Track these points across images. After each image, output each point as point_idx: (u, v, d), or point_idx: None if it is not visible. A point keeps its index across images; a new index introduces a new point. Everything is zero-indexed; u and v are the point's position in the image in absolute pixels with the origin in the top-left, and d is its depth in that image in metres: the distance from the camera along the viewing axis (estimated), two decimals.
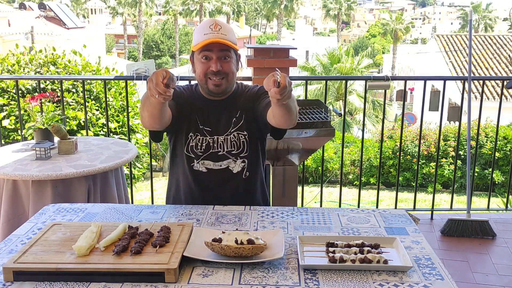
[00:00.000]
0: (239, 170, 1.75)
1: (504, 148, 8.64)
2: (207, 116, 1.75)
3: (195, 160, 1.74)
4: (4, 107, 5.00)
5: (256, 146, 1.80)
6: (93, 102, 5.51)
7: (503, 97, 3.62)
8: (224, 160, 1.73)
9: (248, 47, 3.40)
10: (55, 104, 4.15)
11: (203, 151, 1.73)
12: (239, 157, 1.74)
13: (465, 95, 3.36)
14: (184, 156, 1.75)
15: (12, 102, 4.99)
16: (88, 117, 5.21)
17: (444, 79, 3.51)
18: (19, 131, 3.85)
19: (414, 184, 6.22)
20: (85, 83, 5.18)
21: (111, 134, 5.37)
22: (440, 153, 8.62)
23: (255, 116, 1.75)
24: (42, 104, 2.92)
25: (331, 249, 1.29)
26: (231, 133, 1.74)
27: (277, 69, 1.34)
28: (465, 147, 8.34)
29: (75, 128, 5.12)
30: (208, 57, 1.65)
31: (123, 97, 5.63)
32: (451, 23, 51.94)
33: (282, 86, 1.28)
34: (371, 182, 9.13)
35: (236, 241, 1.25)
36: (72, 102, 5.29)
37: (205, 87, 1.71)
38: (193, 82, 1.90)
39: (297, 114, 1.57)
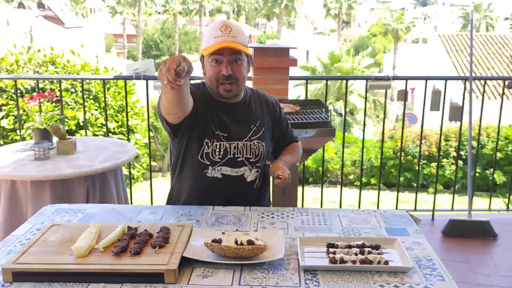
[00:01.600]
0: (252, 179, 1.72)
1: (506, 149, 8.64)
2: (222, 121, 1.69)
3: (209, 167, 1.68)
4: (2, 107, 5.00)
5: (267, 155, 1.80)
6: (92, 102, 5.50)
7: (504, 97, 3.61)
8: (241, 167, 1.70)
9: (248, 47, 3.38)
10: (54, 104, 4.14)
11: (221, 157, 1.67)
12: (255, 166, 1.72)
13: (467, 95, 3.35)
14: (197, 163, 1.69)
15: (11, 102, 4.98)
16: (87, 117, 5.20)
17: (445, 79, 3.50)
18: (18, 131, 3.85)
19: (415, 185, 6.22)
20: (84, 82, 5.17)
21: (110, 134, 5.37)
22: (441, 153, 8.61)
23: (274, 135, 1.83)
24: (41, 104, 2.91)
25: (331, 249, 1.28)
26: (252, 141, 1.72)
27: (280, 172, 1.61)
28: (466, 147, 8.33)
29: (74, 128, 5.11)
30: (219, 61, 1.61)
31: (122, 97, 5.63)
32: (452, 23, 51.91)
33: (283, 180, 1.59)
34: (372, 182, 9.13)
35: (236, 242, 1.25)
36: (71, 102, 5.29)
37: (215, 91, 1.67)
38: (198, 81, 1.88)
39: (300, 157, 1.92)
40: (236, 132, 1.70)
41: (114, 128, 5.49)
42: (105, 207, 1.66)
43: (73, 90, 5.39)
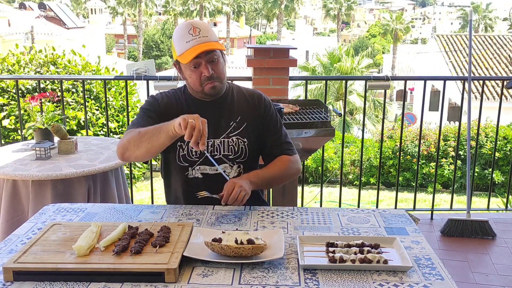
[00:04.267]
0: (235, 175, 1.71)
1: (504, 148, 8.64)
2: None
3: (189, 169, 1.69)
4: (4, 107, 5.01)
5: (256, 152, 1.76)
6: (93, 102, 5.51)
7: (503, 97, 3.62)
8: (220, 164, 1.67)
9: (248, 47, 3.40)
10: (55, 104, 4.16)
11: (198, 156, 1.68)
12: (235, 162, 1.71)
13: (465, 95, 3.36)
14: (178, 167, 1.71)
15: (12, 102, 5.00)
16: (88, 117, 5.21)
17: (444, 79, 3.51)
18: (19, 131, 3.86)
19: (414, 184, 6.22)
20: (85, 83, 5.18)
21: (111, 134, 5.38)
22: (440, 153, 8.62)
23: (259, 131, 1.73)
24: (42, 104, 2.92)
25: (331, 249, 1.29)
26: (230, 137, 1.70)
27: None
28: (465, 147, 8.34)
29: (75, 128, 5.12)
30: (197, 64, 1.62)
31: (123, 97, 5.64)
32: (451, 23, 51.97)
33: (225, 197, 1.53)
34: (371, 182, 9.13)
35: (236, 241, 1.25)
36: (72, 102, 5.30)
37: (201, 93, 1.68)
38: (179, 85, 1.87)
39: (288, 175, 1.76)
40: (213, 129, 1.67)
41: (115, 128, 5.50)
42: (106, 207, 1.67)
43: (74, 90, 5.40)
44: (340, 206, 3.61)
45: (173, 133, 1.45)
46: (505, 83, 3.32)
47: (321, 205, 3.76)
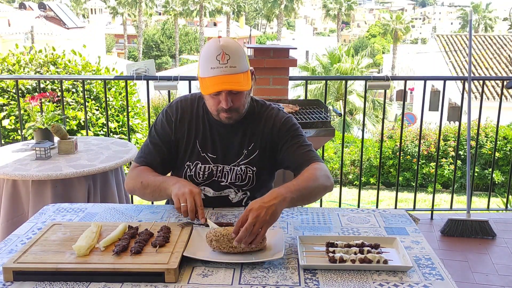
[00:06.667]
0: (238, 200, 1.65)
1: (504, 148, 8.64)
2: (212, 141, 1.61)
3: None
4: (4, 107, 5.01)
5: (264, 179, 1.67)
6: (93, 102, 5.51)
7: (503, 97, 3.62)
8: (225, 189, 1.63)
9: (248, 47, 3.40)
10: (55, 104, 4.16)
11: (205, 179, 1.62)
12: (241, 190, 1.64)
13: (465, 95, 3.36)
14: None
15: (12, 102, 4.99)
16: (88, 117, 5.21)
17: (444, 79, 3.51)
18: (19, 131, 3.86)
19: (414, 184, 6.22)
20: (85, 83, 5.18)
21: (111, 134, 5.38)
22: (440, 153, 8.62)
23: (273, 154, 1.62)
24: (42, 104, 2.92)
25: (331, 249, 1.29)
26: (239, 165, 1.61)
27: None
28: (465, 147, 8.34)
29: (75, 128, 5.12)
30: (217, 93, 1.49)
31: (123, 97, 5.64)
32: (451, 23, 52.03)
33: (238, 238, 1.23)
34: (371, 182, 9.13)
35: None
36: (72, 102, 5.30)
37: (216, 118, 1.58)
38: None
39: (323, 188, 1.46)
40: (226, 156, 1.61)
41: (115, 128, 5.50)
42: (106, 207, 1.67)
43: (74, 90, 5.39)
44: (340, 206, 3.61)
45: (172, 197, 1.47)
46: (505, 83, 3.32)
47: (321, 205, 3.75)
